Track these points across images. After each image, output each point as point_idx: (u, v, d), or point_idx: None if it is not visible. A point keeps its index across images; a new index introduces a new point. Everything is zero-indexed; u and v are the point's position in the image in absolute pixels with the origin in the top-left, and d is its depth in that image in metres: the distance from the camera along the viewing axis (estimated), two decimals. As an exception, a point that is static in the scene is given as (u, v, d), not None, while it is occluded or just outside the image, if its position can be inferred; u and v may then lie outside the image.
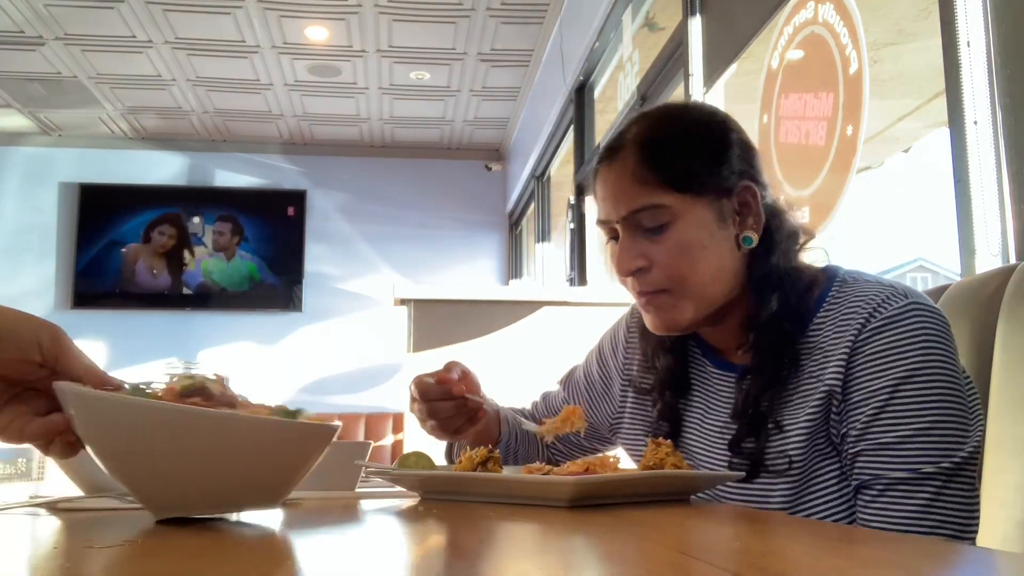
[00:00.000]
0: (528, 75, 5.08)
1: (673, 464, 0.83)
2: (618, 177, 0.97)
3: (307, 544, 0.60)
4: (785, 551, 0.54)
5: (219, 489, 0.64)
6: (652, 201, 0.94)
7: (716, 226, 0.95)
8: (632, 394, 1.12)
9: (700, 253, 0.94)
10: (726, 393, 1.00)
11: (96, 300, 5.87)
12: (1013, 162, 1.32)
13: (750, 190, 0.97)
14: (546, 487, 0.76)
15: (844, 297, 0.93)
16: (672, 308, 0.96)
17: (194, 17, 4.37)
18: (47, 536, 0.65)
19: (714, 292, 0.96)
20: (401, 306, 2.45)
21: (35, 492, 1.01)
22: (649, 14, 3.54)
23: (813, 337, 0.93)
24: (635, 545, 0.57)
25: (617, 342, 1.18)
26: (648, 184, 0.94)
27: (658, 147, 0.96)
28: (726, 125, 1.00)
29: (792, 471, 0.89)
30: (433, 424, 1.07)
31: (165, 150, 6.13)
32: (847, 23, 1.85)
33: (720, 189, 0.96)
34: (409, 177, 6.24)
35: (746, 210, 0.97)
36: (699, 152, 0.97)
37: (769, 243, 0.97)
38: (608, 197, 0.98)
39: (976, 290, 1.03)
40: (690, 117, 1.03)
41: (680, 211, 0.94)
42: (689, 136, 0.98)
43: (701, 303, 0.96)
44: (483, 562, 0.51)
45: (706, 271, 0.95)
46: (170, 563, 0.50)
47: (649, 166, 0.95)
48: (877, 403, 0.85)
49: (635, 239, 0.96)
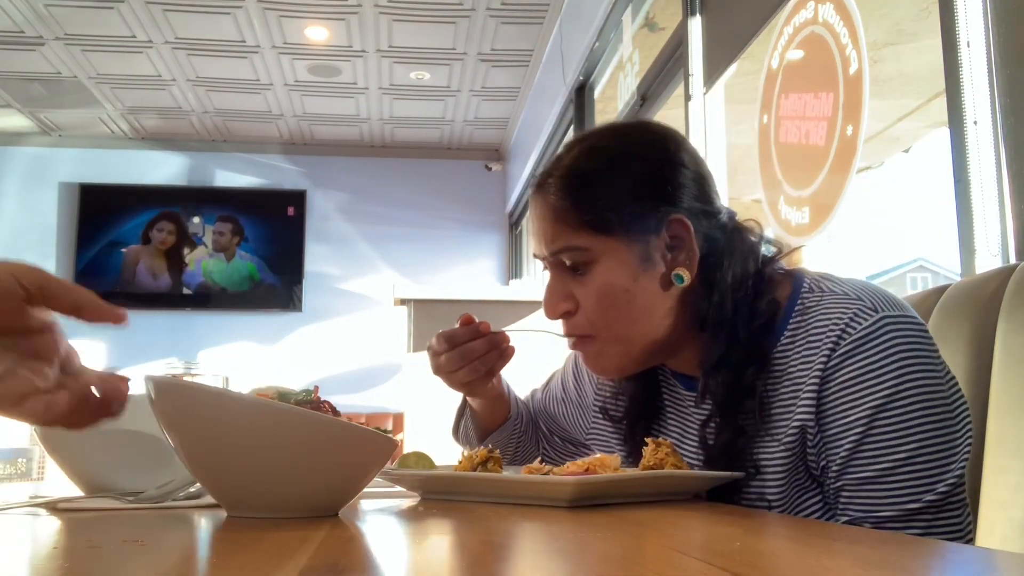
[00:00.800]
0: (528, 75, 5.08)
1: (673, 464, 0.83)
2: (541, 213, 0.92)
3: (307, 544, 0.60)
4: (785, 551, 0.54)
5: (296, 491, 0.66)
6: (571, 243, 0.89)
7: (641, 268, 0.89)
8: (609, 427, 1.09)
9: (623, 298, 0.88)
10: (699, 415, 0.95)
11: (96, 300, 5.87)
12: (1013, 162, 1.32)
13: (681, 223, 0.89)
14: (546, 487, 0.76)
15: (810, 315, 0.85)
16: (600, 355, 0.92)
17: (194, 17, 4.37)
18: (47, 536, 0.65)
19: (644, 339, 0.90)
20: (401, 306, 2.45)
21: (35, 492, 1.01)
22: (649, 14, 3.54)
23: (779, 366, 0.86)
24: (635, 545, 0.57)
25: (582, 366, 1.15)
26: (568, 224, 0.89)
27: (580, 184, 0.90)
28: (665, 152, 0.92)
29: (774, 511, 0.84)
30: (468, 369, 1.01)
31: (165, 150, 6.13)
32: (847, 23, 1.85)
33: (645, 227, 0.89)
34: (409, 177, 6.24)
35: (678, 244, 0.90)
36: (623, 189, 0.89)
37: (709, 277, 0.89)
38: (535, 232, 0.95)
39: (976, 290, 1.03)
40: (621, 146, 0.94)
41: (600, 253, 0.88)
42: (614, 171, 0.91)
43: (629, 349, 0.91)
44: (483, 563, 0.51)
45: (630, 316, 0.89)
46: (169, 563, 0.50)
47: (570, 204, 0.89)
48: (855, 435, 0.79)
49: (562, 278, 0.92)
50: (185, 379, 0.72)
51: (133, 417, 0.91)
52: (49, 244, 5.93)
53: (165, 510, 0.78)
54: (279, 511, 0.67)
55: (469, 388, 1.07)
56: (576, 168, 0.92)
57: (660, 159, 0.92)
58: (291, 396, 0.73)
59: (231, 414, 0.64)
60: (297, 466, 0.65)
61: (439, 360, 1.03)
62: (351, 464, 0.68)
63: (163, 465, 0.88)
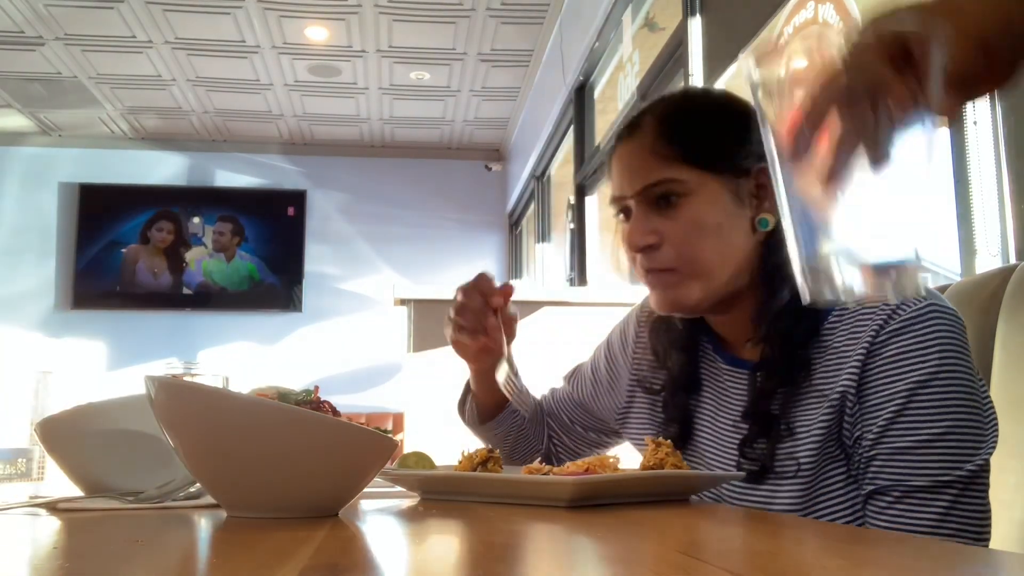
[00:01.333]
0: (528, 75, 5.08)
1: (673, 464, 0.83)
2: (634, 151, 0.95)
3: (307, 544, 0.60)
4: (787, 551, 0.54)
5: (296, 491, 0.66)
6: (667, 175, 0.92)
7: (732, 206, 0.93)
8: (640, 392, 1.11)
9: (713, 231, 0.92)
10: (736, 391, 0.98)
11: (96, 300, 5.87)
12: (1013, 163, 1.32)
13: (767, 172, 0.95)
14: (546, 487, 0.76)
15: None
16: (678, 287, 0.94)
17: (194, 17, 4.37)
18: (47, 536, 0.65)
19: (724, 275, 0.93)
20: (401, 306, 2.45)
21: (35, 492, 1.01)
22: (649, 14, 3.54)
23: (826, 339, 0.90)
24: (635, 545, 0.57)
25: (627, 338, 1.16)
26: (665, 158, 0.93)
27: (677, 122, 0.95)
28: (748, 107, 0.97)
29: (801, 475, 0.87)
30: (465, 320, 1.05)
31: (165, 150, 6.13)
32: (847, 23, 1.85)
33: (738, 169, 0.93)
34: (409, 177, 6.24)
35: (763, 192, 0.94)
36: (718, 129, 0.95)
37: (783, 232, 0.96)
38: (623, 171, 0.97)
39: (976, 290, 1.03)
40: (711, 97, 1.02)
41: (695, 187, 0.92)
42: (709, 113, 0.97)
43: (709, 285, 0.93)
44: (482, 563, 0.51)
45: (717, 251, 0.92)
46: (169, 563, 0.50)
47: (667, 140, 0.93)
48: (894, 407, 0.82)
49: (648, 215, 0.94)
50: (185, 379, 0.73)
51: (133, 417, 0.91)
52: (49, 244, 5.93)
53: (165, 510, 0.78)
54: (279, 511, 0.67)
55: (463, 349, 1.09)
56: (675, 108, 0.97)
57: (747, 112, 0.96)
58: (291, 396, 0.73)
59: (231, 414, 0.64)
60: (297, 466, 0.65)
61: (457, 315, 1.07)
62: (351, 464, 0.68)
63: (163, 465, 0.88)
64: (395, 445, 0.70)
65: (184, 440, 0.67)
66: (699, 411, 1.02)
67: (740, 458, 0.93)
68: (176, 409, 0.66)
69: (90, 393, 2.81)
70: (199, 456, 0.67)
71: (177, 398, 0.66)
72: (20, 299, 5.83)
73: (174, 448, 0.68)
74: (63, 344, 5.78)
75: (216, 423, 0.64)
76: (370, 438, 0.68)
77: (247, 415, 0.64)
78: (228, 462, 0.65)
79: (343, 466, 0.67)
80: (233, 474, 0.66)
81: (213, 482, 0.69)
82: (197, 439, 0.66)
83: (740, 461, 0.93)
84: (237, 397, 0.65)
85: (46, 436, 0.93)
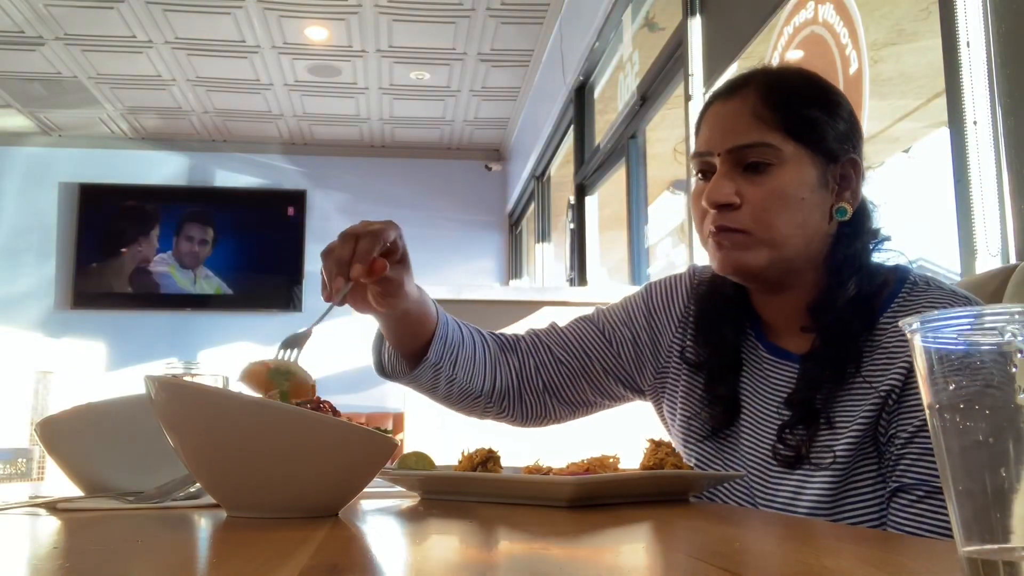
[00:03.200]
0: (528, 75, 5.08)
1: (673, 464, 0.83)
2: (735, 111, 0.95)
3: (307, 544, 0.60)
4: (785, 551, 0.54)
5: (296, 491, 0.66)
6: (765, 139, 0.92)
7: (816, 186, 0.93)
8: (677, 362, 1.07)
9: (794, 204, 0.92)
10: (776, 379, 0.98)
11: (96, 300, 5.87)
12: (1013, 162, 1.32)
13: (854, 163, 0.96)
14: (546, 487, 0.76)
15: (914, 301, 0.91)
16: (747, 249, 0.93)
17: (194, 17, 4.37)
18: (47, 536, 0.65)
19: (793, 249, 0.93)
20: (401, 306, 2.44)
21: (35, 492, 1.01)
22: (649, 14, 3.54)
23: (877, 337, 0.91)
24: (635, 545, 0.57)
25: (675, 301, 1.11)
26: (766, 122, 0.93)
27: (781, 91, 0.95)
28: (842, 96, 1.00)
29: (835, 467, 0.88)
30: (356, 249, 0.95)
31: (165, 150, 6.13)
32: (847, 23, 1.85)
33: (828, 152, 0.94)
34: (409, 177, 6.24)
35: (845, 183, 0.95)
36: (819, 109, 0.95)
37: (858, 226, 0.96)
38: (717, 128, 0.96)
39: (976, 290, 1.03)
40: (814, 79, 1.01)
41: (788, 158, 0.92)
42: (812, 91, 0.97)
43: (775, 255, 0.93)
44: (482, 563, 0.51)
45: (793, 224, 0.92)
46: (169, 563, 0.50)
47: (770, 106, 0.93)
48: None
49: (733, 175, 0.94)
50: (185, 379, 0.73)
51: (133, 417, 0.91)
52: (49, 244, 5.93)
53: (165, 510, 0.78)
54: (279, 511, 0.67)
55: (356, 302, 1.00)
56: (782, 79, 0.98)
57: (846, 105, 0.98)
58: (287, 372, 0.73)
59: (231, 414, 0.64)
60: (297, 466, 0.65)
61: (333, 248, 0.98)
62: (351, 464, 0.68)
63: (163, 465, 0.88)
64: (395, 445, 0.70)
65: (184, 440, 0.67)
66: (743, 394, 1.01)
67: (777, 443, 0.93)
68: (176, 409, 0.66)
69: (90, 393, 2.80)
70: (199, 456, 0.67)
71: (177, 398, 0.66)
72: (20, 299, 5.83)
73: (174, 448, 0.68)
74: (63, 344, 5.78)
75: (216, 423, 0.64)
76: (370, 438, 0.68)
77: (247, 415, 0.64)
78: (228, 462, 0.65)
79: (343, 466, 0.67)
80: (233, 474, 0.66)
81: (213, 482, 0.69)
82: (197, 439, 0.66)
83: (777, 447, 0.93)
84: (237, 397, 0.65)
85: (46, 436, 0.93)
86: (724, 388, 1.01)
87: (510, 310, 2.45)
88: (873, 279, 0.93)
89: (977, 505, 0.37)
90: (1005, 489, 0.36)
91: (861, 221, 0.96)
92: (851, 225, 0.96)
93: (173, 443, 0.67)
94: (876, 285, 0.93)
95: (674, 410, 1.08)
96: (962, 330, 0.37)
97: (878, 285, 0.93)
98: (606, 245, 4.43)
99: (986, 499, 0.36)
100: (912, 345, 0.39)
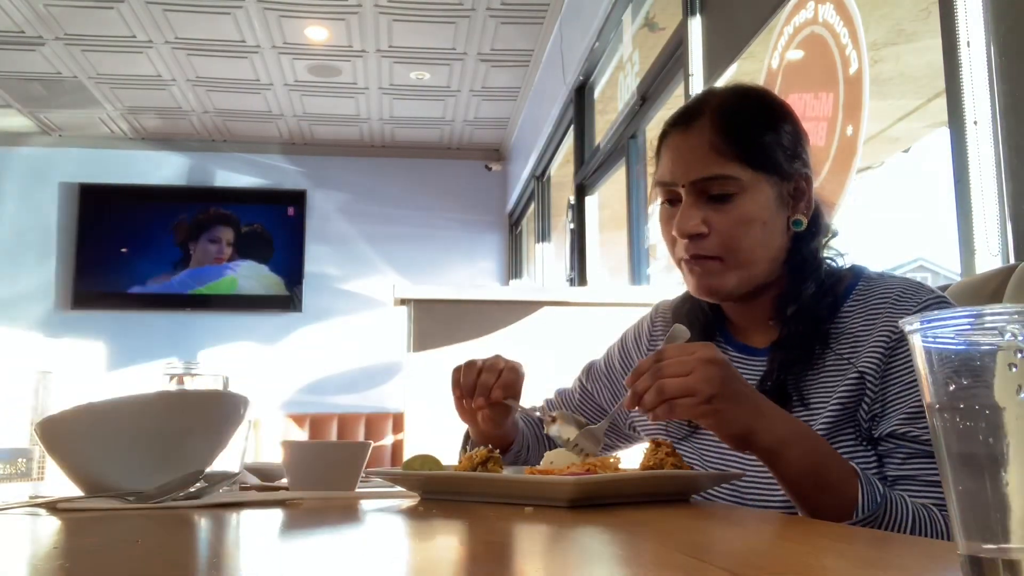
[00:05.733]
0: (528, 75, 5.07)
1: (673, 464, 0.83)
2: (693, 144, 1.00)
3: (307, 544, 0.60)
4: (785, 551, 0.54)
5: None
6: (725, 172, 0.98)
7: (775, 205, 1.00)
8: None
9: (758, 228, 0.99)
10: (746, 376, 1.00)
11: (96, 300, 5.87)
12: (1013, 162, 1.32)
13: (805, 177, 1.02)
14: (546, 487, 0.76)
15: (872, 289, 0.98)
16: (719, 275, 1.00)
17: (194, 17, 4.37)
18: (47, 536, 0.65)
19: (760, 268, 1.00)
20: (401, 306, 2.45)
21: (35, 492, 1.01)
22: (649, 14, 3.54)
23: (841, 323, 0.97)
24: (635, 545, 0.57)
25: (641, 334, 1.21)
26: (722, 155, 0.98)
27: (735, 121, 1.00)
28: (789, 112, 1.06)
29: None
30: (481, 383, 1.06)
31: (165, 150, 6.13)
32: (847, 23, 1.85)
33: (782, 172, 1.00)
34: (409, 177, 6.24)
35: (799, 195, 1.02)
36: (770, 133, 1.01)
37: (813, 231, 1.03)
38: (679, 160, 1.01)
39: (976, 290, 1.03)
40: (762, 99, 1.07)
41: (748, 185, 0.98)
42: (763, 116, 1.03)
43: (746, 275, 1.00)
44: (483, 563, 0.51)
45: (759, 245, 0.99)
46: (169, 563, 0.50)
47: (725, 138, 0.98)
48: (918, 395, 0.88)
49: (699, 204, 0.99)
50: None
51: (133, 417, 0.91)
52: (49, 244, 5.93)
53: (165, 510, 0.78)
54: None
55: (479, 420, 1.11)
56: (731, 108, 1.02)
57: (791, 117, 1.05)
58: None
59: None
60: None
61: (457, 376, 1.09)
62: None
63: (163, 465, 0.88)
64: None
65: None
66: None
67: None
68: None
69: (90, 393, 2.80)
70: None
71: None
72: (20, 299, 5.83)
73: None
74: (63, 344, 5.78)
75: None
76: None
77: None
78: None
79: None
80: None
81: None
82: None
83: None
84: None
85: (46, 436, 0.93)
86: None
87: (510, 310, 2.45)
88: (832, 274, 1.02)
89: (977, 505, 0.37)
90: (1005, 489, 0.36)
91: (816, 226, 1.04)
92: (807, 230, 1.03)
93: None
94: (835, 279, 1.01)
95: (650, 430, 1.14)
96: (962, 330, 0.37)
97: (836, 278, 1.01)
98: (606, 245, 4.43)
99: (986, 499, 0.36)
100: (912, 345, 0.39)
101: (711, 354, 0.84)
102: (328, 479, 1.03)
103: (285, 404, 5.68)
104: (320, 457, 1.07)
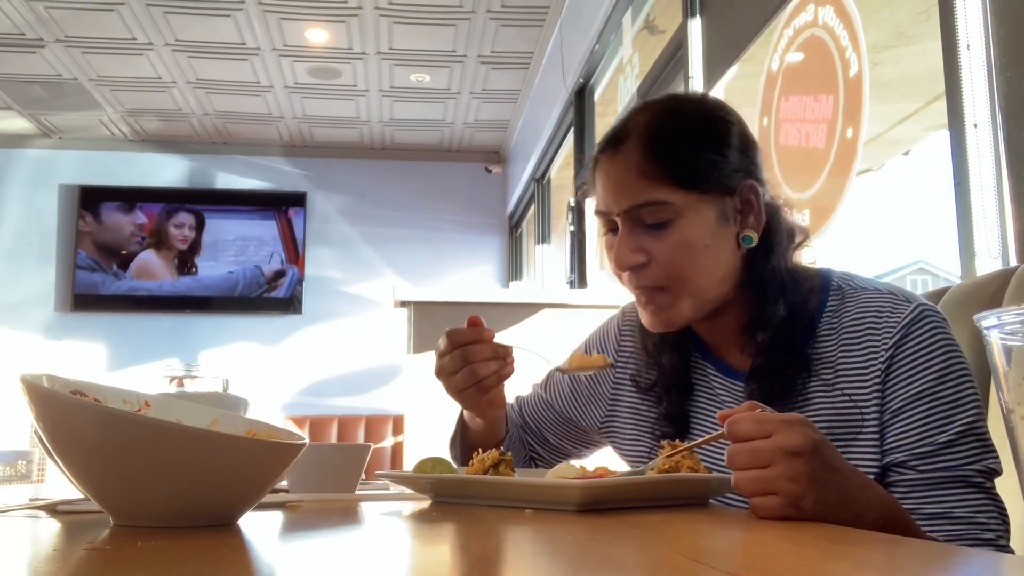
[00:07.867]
0: (528, 78, 5.08)
1: (689, 467, 0.81)
2: (621, 169, 0.94)
3: (307, 547, 0.60)
4: (789, 555, 0.54)
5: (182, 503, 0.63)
6: (656, 197, 0.91)
7: (718, 225, 0.93)
8: (629, 394, 1.09)
9: (701, 252, 0.92)
10: (725, 398, 0.99)
11: (96, 302, 5.87)
12: (1013, 165, 1.32)
13: (752, 189, 0.95)
14: (555, 491, 0.75)
15: (846, 309, 0.93)
16: (669, 307, 0.94)
17: (194, 19, 4.37)
18: (47, 538, 0.64)
19: (712, 292, 0.94)
20: (401, 308, 2.45)
21: (35, 494, 1.01)
22: (649, 16, 3.54)
23: (820, 347, 0.92)
24: (644, 550, 0.57)
25: (608, 342, 1.15)
26: (652, 179, 0.91)
27: (664, 141, 0.93)
28: (730, 120, 0.97)
29: None
30: (467, 372, 0.99)
31: (165, 152, 6.13)
32: (847, 26, 1.85)
33: (723, 187, 0.93)
34: (409, 179, 6.24)
35: (748, 208, 0.95)
36: (705, 148, 0.93)
37: (769, 243, 0.95)
38: (609, 189, 0.95)
39: (976, 292, 1.03)
40: (696, 110, 0.99)
41: (683, 208, 0.92)
42: (696, 131, 0.95)
43: (698, 302, 0.94)
44: (490, 566, 0.51)
45: (705, 270, 0.93)
46: (168, 566, 0.49)
47: (654, 160, 0.92)
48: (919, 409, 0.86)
49: (635, 233, 0.93)
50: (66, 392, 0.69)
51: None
52: (49, 246, 5.93)
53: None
54: (167, 521, 0.63)
55: (464, 397, 1.03)
56: (660, 127, 0.95)
57: (736, 128, 0.97)
58: None
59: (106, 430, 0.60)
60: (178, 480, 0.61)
61: (443, 360, 1.02)
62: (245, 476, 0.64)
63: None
64: (295, 450, 0.66)
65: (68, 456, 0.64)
66: (693, 412, 1.01)
67: None
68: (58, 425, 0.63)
69: (90, 395, 2.80)
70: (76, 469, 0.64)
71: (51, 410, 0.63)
72: (21, 301, 5.83)
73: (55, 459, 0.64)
74: (63, 346, 5.77)
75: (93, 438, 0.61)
76: (265, 450, 0.64)
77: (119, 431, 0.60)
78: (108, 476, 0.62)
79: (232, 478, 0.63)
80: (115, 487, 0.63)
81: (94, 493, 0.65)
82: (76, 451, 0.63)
83: None
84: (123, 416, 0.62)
85: (46, 438, 0.92)
86: (672, 405, 1.02)
87: (510, 312, 2.45)
88: (799, 289, 0.94)
89: None
90: None
91: (771, 237, 0.96)
92: (762, 244, 0.95)
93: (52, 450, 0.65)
94: (803, 294, 0.94)
95: (624, 441, 1.10)
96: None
97: (805, 293, 0.94)
98: (606, 247, 4.42)
99: None
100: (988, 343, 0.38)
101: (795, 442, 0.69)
102: (328, 481, 1.03)
103: (285, 406, 5.67)
104: (320, 459, 1.07)
